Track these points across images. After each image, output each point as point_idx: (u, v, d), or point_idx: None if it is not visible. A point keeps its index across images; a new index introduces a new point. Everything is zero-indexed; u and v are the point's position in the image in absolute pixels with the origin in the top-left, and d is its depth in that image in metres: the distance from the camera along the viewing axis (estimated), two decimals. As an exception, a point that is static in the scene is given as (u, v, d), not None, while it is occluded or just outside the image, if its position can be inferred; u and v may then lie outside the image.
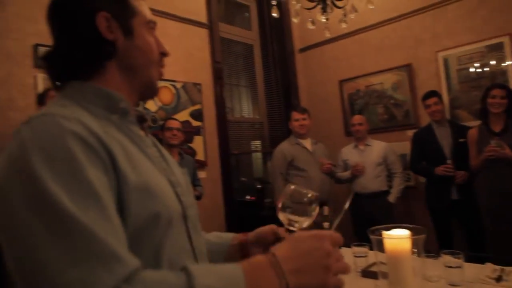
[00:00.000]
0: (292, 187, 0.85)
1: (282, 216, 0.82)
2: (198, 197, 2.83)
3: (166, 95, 3.10)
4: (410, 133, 3.37)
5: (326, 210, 1.77)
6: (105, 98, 0.66)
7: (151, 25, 0.74)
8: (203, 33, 3.48)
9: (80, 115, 0.59)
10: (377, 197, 3.17)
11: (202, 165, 3.28)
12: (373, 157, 3.25)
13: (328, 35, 2.41)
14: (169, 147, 2.72)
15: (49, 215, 0.46)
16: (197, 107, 3.31)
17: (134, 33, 0.70)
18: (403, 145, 3.47)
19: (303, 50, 4.39)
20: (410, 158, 3.20)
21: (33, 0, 2.45)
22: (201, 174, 3.27)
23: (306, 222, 0.82)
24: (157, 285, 0.49)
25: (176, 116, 3.10)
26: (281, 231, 0.83)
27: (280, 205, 0.82)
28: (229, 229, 3.40)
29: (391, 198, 3.17)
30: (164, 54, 0.78)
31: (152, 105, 2.99)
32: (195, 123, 3.28)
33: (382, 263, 1.19)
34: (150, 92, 0.77)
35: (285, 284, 0.54)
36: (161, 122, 2.91)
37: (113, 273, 0.45)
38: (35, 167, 0.49)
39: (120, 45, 0.68)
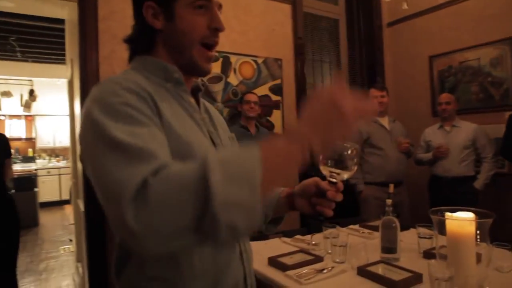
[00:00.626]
0: None
1: (323, 169, 0.87)
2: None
3: (247, 70, 3.26)
4: (508, 115, 3.04)
5: (391, 187, 1.77)
6: (162, 69, 0.81)
7: (198, 3, 0.79)
8: (286, 8, 3.53)
9: (138, 79, 0.75)
10: (461, 183, 2.97)
11: (279, 138, 3.41)
12: (460, 140, 3.03)
13: (405, 7, 2.28)
14: (247, 119, 2.90)
15: (106, 142, 0.62)
16: (277, 82, 3.42)
17: (175, 17, 0.79)
18: (499, 128, 3.14)
19: (391, 24, 4.16)
20: (502, 141, 2.91)
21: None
22: (278, 147, 3.41)
23: (346, 174, 0.87)
24: (177, 173, 0.56)
25: (256, 91, 3.26)
26: (323, 183, 0.89)
27: (321, 158, 0.86)
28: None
29: (478, 184, 2.94)
30: (217, 29, 0.82)
31: (233, 79, 3.19)
32: (275, 97, 3.41)
33: (442, 246, 1.19)
34: (194, 70, 0.84)
35: (306, 143, 0.60)
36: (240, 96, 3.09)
37: (150, 165, 0.57)
38: (95, 115, 0.65)
39: (163, 29, 0.81)
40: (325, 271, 1.51)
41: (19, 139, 8.67)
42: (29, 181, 6.52)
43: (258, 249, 1.86)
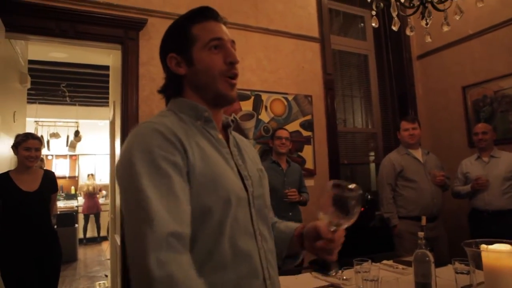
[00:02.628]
0: (331, 183, 0.85)
1: (323, 218, 0.84)
2: (303, 203, 2.99)
3: (278, 107, 3.37)
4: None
5: (423, 220, 1.74)
6: (193, 108, 0.91)
7: (211, 44, 0.89)
8: (315, 46, 3.66)
9: (169, 121, 0.84)
10: (505, 216, 2.82)
11: (310, 173, 3.43)
12: (500, 170, 2.91)
13: (429, 40, 2.31)
14: (278, 154, 2.96)
15: (135, 193, 0.73)
16: (307, 117, 3.49)
17: (194, 61, 0.90)
18: (542, 159, 3.00)
19: (421, 57, 4.18)
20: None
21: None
22: (309, 182, 3.42)
23: (346, 224, 0.83)
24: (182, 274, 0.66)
25: (287, 127, 3.33)
26: (323, 230, 0.84)
27: (322, 204, 0.84)
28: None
29: (523, 217, 2.79)
30: (232, 62, 0.91)
31: (265, 116, 3.30)
32: (305, 133, 3.46)
33: (481, 283, 1.15)
34: (223, 101, 0.94)
35: None
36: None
37: (155, 231, 0.67)
38: (132, 158, 0.76)
39: (187, 73, 0.92)
40: (355, 307, 1.48)
41: (63, 178, 9.19)
42: (70, 218, 6.82)
43: (288, 284, 1.86)
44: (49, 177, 2.78)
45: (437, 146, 3.79)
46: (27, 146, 2.58)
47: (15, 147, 2.62)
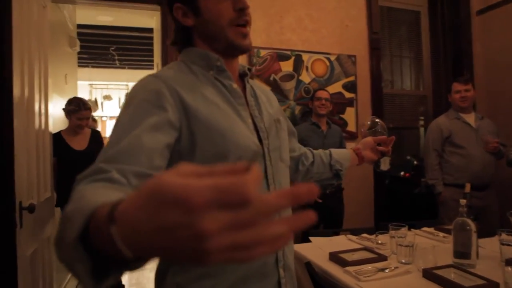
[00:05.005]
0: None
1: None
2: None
3: (319, 67, 3.25)
4: None
5: (467, 187, 1.66)
6: (205, 58, 0.88)
7: None
8: (360, 3, 3.43)
9: (172, 74, 0.84)
10: None
11: (352, 136, 3.34)
12: None
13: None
14: (318, 116, 2.90)
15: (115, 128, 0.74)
16: (350, 79, 3.34)
17: (201, 11, 0.85)
18: None
19: (481, 12, 3.78)
20: None
21: None
22: (351, 145, 3.31)
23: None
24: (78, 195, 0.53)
25: (328, 88, 3.23)
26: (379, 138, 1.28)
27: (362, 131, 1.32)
28: (377, 201, 3.38)
29: None
30: (242, 8, 0.84)
31: (305, 77, 3.20)
32: (348, 94, 3.34)
33: None
34: (235, 50, 0.89)
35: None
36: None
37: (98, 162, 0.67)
38: (124, 105, 0.79)
39: (195, 24, 0.87)
40: (387, 270, 1.47)
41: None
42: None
43: (322, 245, 1.87)
44: (96, 136, 2.95)
45: (494, 110, 3.49)
46: (80, 116, 2.74)
47: (67, 113, 2.79)
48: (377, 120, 1.40)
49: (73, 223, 0.41)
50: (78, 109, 2.77)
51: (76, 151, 2.71)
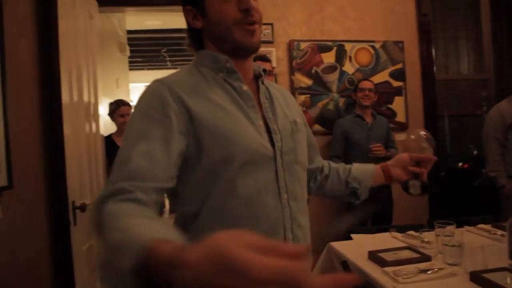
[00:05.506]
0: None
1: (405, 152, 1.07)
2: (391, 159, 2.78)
3: (363, 57, 3.11)
4: None
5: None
6: (214, 60, 0.87)
7: None
8: (409, -16, 3.22)
9: (178, 78, 0.84)
10: None
11: (402, 127, 3.16)
12: None
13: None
14: (362, 107, 2.78)
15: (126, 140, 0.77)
16: (398, 66, 3.16)
17: (207, 12, 0.84)
18: None
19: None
20: None
21: None
22: (401, 137, 3.14)
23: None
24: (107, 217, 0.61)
25: (374, 77, 3.08)
26: (422, 156, 1.05)
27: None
28: (431, 196, 3.18)
29: None
30: (246, 9, 0.82)
31: (349, 67, 3.08)
32: (396, 83, 3.16)
33: None
34: (244, 51, 0.87)
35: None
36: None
37: (119, 176, 0.70)
38: (133, 113, 0.82)
39: (203, 26, 0.87)
40: (429, 272, 1.37)
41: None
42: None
43: (363, 242, 1.80)
44: None
45: None
46: (121, 113, 2.89)
47: (110, 114, 2.95)
48: (424, 133, 1.14)
49: (126, 255, 0.45)
50: (117, 106, 2.93)
51: None
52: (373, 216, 2.73)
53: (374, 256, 1.54)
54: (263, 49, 2.91)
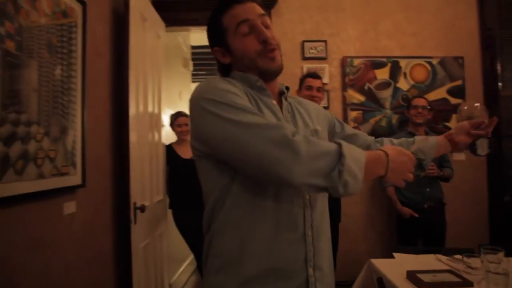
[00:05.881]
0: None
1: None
2: (445, 179, 2.70)
3: (419, 73, 3.05)
4: None
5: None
6: (247, 79, 0.97)
7: (243, 30, 0.93)
8: (471, -2, 3.12)
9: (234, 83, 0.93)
10: None
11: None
12: None
13: None
14: (415, 125, 2.73)
15: (237, 124, 0.81)
16: (457, 83, 3.05)
17: (232, 49, 0.96)
18: None
19: None
20: None
21: (300, 7, 3.07)
22: (459, 156, 3.04)
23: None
24: (316, 143, 0.80)
25: (431, 94, 3.02)
26: (477, 120, 1.16)
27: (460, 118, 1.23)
28: (492, 220, 3.00)
29: None
30: (265, 41, 0.93)
31: (403, 84, 3.05)
32: (454, 100, 3.05)
33: None
34: (268, 75, 0.97)
35: (385, 170, 0.85)
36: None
37: (284, 129, 0.80)
38: (201, 102, 0.87)
39: (231, 61, 0.99)
40: (467, 297, 1.34)
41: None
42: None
43: (404, 262, 1.79)
44: None
45: None
46: (178, 123, 3.14)
47: (171, 125, 3.21)
48: (476, 104, 1.26)
49: (359, 154, 0.82)
50: (176, 117, 3.18)
51: (184, 159, 3.08)
52: (425, 237, 2.65)
53: (412, 276, 1.54)
54: (316, 65, 3.01)
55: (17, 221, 1.34)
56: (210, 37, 1.03)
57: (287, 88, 1.06)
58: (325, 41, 3.06)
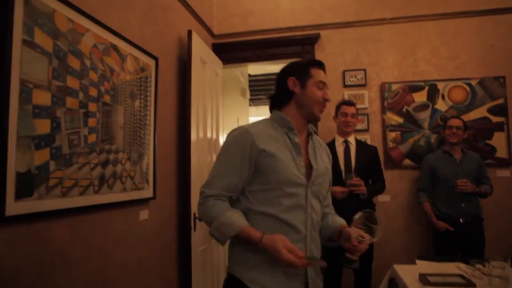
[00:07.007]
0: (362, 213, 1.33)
1: (354, 231, 1.25)
2: (482, 195, 2.78)
3: (457, 94, 3.18)
4: None
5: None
6: (282, 119, 1.36)
7: (319, 85, 1.34)
8: (511, 19, 3.19)
9: (258, 127, 1.32)
10: None
11: (503, 163, 3.08)
12: None
13: None
14: (450, 144, 2.88)
15: (219, 162, 1.35)
16: (498, 101, 3.12)
17: (307, 88, 1.34)
18: None
19: None
20: None
21: (341, 41, 3.41)
22: (503, 173, 3.08)
23: (367, 242, 1.23)
24: (209, 208, 1.27)
25: (470, 113, 3.13)
26: (352, 238, 1.24)
27: (356, 222, 1.31)
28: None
29: None
30: (326, 99, 1.35)
31: (442, 105, 3.20)
32: (496, 119, 3.12)
33: None
34: (313, 119, 1.37)
35: (259, 247, 1.19)
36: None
37: (208, 189, 1.25)
38: (224, 144, 1.34)
39: (297, 93, 1.35)
40: (464, 296, 1.55)
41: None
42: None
43: (424, 268, 1.98)
44: None
45: None
46: None
47: None
48: (364, 214, 1.34)
49: (230, 229, 1.22)
50: None
51: None
52: (463, 250, 2.74)
53: (423, 277, 1.76)
54: (356, 92, 3.32)
55: (109, 222, 1.86)
56: (292, 70, 1.39)
57: (315, 131, 1.44)
58: (364, 70, 3.35)
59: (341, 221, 1.44)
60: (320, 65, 1.39)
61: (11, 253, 1.28)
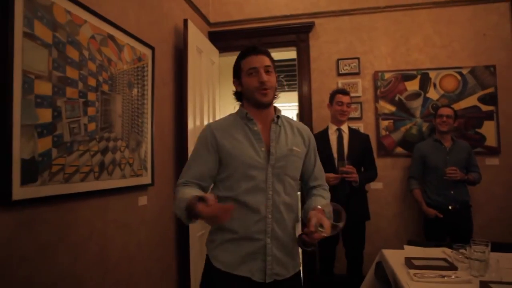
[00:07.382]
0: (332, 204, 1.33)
1: (315, 217, 1.26)
2: (471, 182, 2.87)
3: (448, 83, 3.25)
4: None
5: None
6: (240, 111, 1.45)
7: (251, 72, 1.38)
8: (503, 7, 3.22)
9: (220, 122, 1.45)
10: None
11: (492, 151, 3.16)
12: None
13: None
14: (440, 133, 2.95)
15: (190, 157, 1.48)
16: (488, 90, 3.19)
17: (243, 83, 1.43)
18: None
19: None
20: None
21: (335, 29, 3.44)
22: (492, 161, 3.17)
23: (325, 233, 1.22)
24: (177, 192, 1.36)
25: (461, 102, 3.20)
26: (310, 224, 1.25)
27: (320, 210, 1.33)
28: (526, 223, 3.07)
29: None
30: (262, 82, 1.36)
31: (433, 94, 3.26)
32: (485, 107, 3.19)
33: None
34: (260, 105, 1.41)
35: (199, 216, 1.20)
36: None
37: (180, 179, 1.38)
38: (197, 139, 1.44)
39: (241, 90, 1.45)
40: (445, 277, 1.63)
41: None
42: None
43: (411, 253, 2.06)
44: None
45: None
46: None
47: None
48: (328, 208, 1.33)
49: (182, 202, 1.26)
50: None
51: None
52: (452, 236, 2.84)
53: (408, 261, 1.85)
54: (349, 80, 3.38)
55: (109, 207, 1.94)
56: (233, 72, 1.49)
57: (278, 117, 1.48)
58: (358, 58, 3.40)
59: (320, 202, 1.46)
60: (250, 51, 1.42)
61: (18, 235, 1.36)
